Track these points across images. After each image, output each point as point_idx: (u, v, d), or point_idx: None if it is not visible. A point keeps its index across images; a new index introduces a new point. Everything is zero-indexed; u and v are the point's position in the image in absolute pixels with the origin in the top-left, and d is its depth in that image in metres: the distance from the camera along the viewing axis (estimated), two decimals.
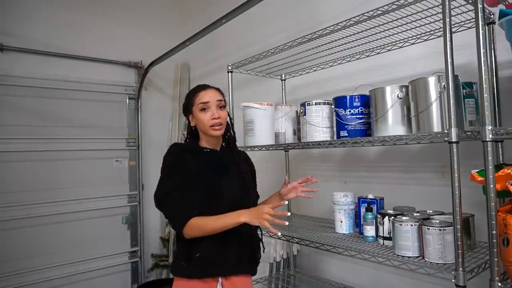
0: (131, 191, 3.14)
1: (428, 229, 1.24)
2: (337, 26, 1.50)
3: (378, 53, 1.75)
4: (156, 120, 3.39)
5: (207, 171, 1.38)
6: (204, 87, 1.44)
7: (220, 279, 1.35)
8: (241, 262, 1.38)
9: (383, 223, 1.47)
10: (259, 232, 1.49)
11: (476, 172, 1.16)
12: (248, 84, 2.52)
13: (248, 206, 1.38)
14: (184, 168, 1.35)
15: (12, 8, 2.67)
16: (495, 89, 1.37)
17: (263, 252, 1.49)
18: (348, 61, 1.89)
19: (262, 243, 1.49)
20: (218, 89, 1.46)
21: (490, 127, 1.08)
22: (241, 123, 1.92)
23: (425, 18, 1.40)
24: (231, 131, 1.52)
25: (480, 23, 1.08)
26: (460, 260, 1.08)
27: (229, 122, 1.51)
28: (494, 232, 1.05)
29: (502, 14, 1.14)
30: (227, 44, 2.98)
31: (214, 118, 1.37)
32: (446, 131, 1.13)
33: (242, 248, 1.38)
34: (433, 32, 1.51)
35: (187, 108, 1.45)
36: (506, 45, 1.20)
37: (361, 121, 1.56)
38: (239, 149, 1.59)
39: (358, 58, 1.84)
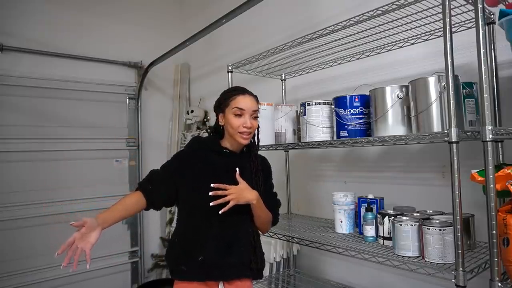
0: (131, 191, 3.12)
1: (428, 229, 1.24)
2: (337, 26, 1.50)
3: (378, 53, 1.75)
4: (156, 120, 3.39)
5: (220, 171, 1.37)
6: (243, 91, 1.40)
7: (221, 282, 1.35)
8: (243, 267, 1.37)
9: (383, 223, 1.47)
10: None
11: (476, 172, 1.16)
12: (248, 84, 2.50)
13: (251, 214, 1.37)
14: (189, 162, 1.38)
15: (12, 8, 2.67)
16: (495, 89, 1.37)
17: (258, 263, 1.40)
18: (348, 61, 1.89)
19: (256, 254, 1.40)
20: (255, 98, 1.42)
21: (490, 127, 1.08)
22: None
23: (425, 18, 1.40)
24: (256, 138, 1.48)
25: (480, 23, 1.08)
26: (460, 260, 1.08)
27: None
28: (494, 232, 1.05)
29: (502, 14, 1.14)
30: (227, 44, 2.98)
31: (245, 127, 1.35)
32: (446, 131, 1.14)
33: (245, 253, 1.37)
34: (433, 32, 1.51)
35: (220, 107, 1.42)
36: (506, 45, 1.20)
37: (361, 121, 1.56)
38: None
39: (358, 58, 1.84)
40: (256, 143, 1.49)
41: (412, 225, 1.31)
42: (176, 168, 1.39)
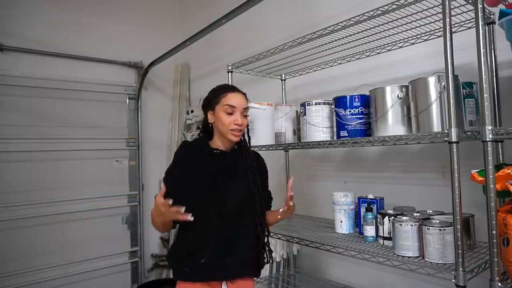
0: (131, 191, 3.13)
1: (428, 229, 1.24)
2: (337, 26, 1.50)
3: (378, 53, 1.75)
4: (156, 120, 3.39)
5: (214, 173, 1.36)
6: (233, 89, 1.41)
7: (224, 281, 1.36)
8: (246, 266, 1.38)
9: (383, 223, 1.47)
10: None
11: (476, 172, 1.16)
12: (248, 84, 2.51)
13: (253, 211, 1.38)
14: (183, 170, 1.36)
15: (12, 8, 2.67)
16: (495, 89, 1.37)
17: (269, 258, 1.44)
18: (348, 61, 1.89)
19: (269, 248, 1.44)
20: (245, 95, 1.43)
21: (490, 127, 1.08)
22: None
23: (425, 18, 1.40)
24: (246, 135, 1.49)
25: (480, 23, 1.08)
26: (460, 260, 1.08)
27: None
28: (494, 232, 1.05)
29: (502, 14, 1.14)
30: (227, 44, 2.98)
31: (236, 124, 1.35)
32: (446, 131, 1.14)
33: (247, 252, 1.37)
34: (433, 32, 1.51)
35: (209, 104, 1.41)
36: (506, 45, 1.20)
37: (361, 121, 1.56)
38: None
39: (358, 58, 1.84)
40: (247, 140, 1.49)
41: (412, 225, 1.31)
42: (176, 181, 1.36)
